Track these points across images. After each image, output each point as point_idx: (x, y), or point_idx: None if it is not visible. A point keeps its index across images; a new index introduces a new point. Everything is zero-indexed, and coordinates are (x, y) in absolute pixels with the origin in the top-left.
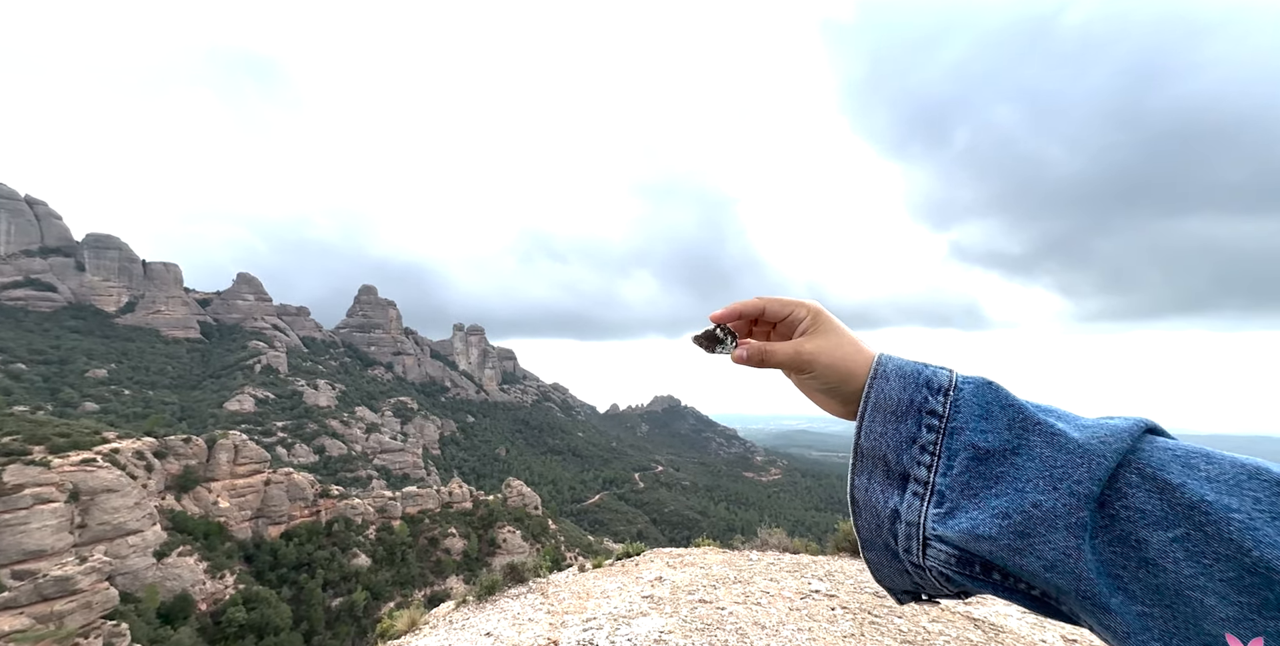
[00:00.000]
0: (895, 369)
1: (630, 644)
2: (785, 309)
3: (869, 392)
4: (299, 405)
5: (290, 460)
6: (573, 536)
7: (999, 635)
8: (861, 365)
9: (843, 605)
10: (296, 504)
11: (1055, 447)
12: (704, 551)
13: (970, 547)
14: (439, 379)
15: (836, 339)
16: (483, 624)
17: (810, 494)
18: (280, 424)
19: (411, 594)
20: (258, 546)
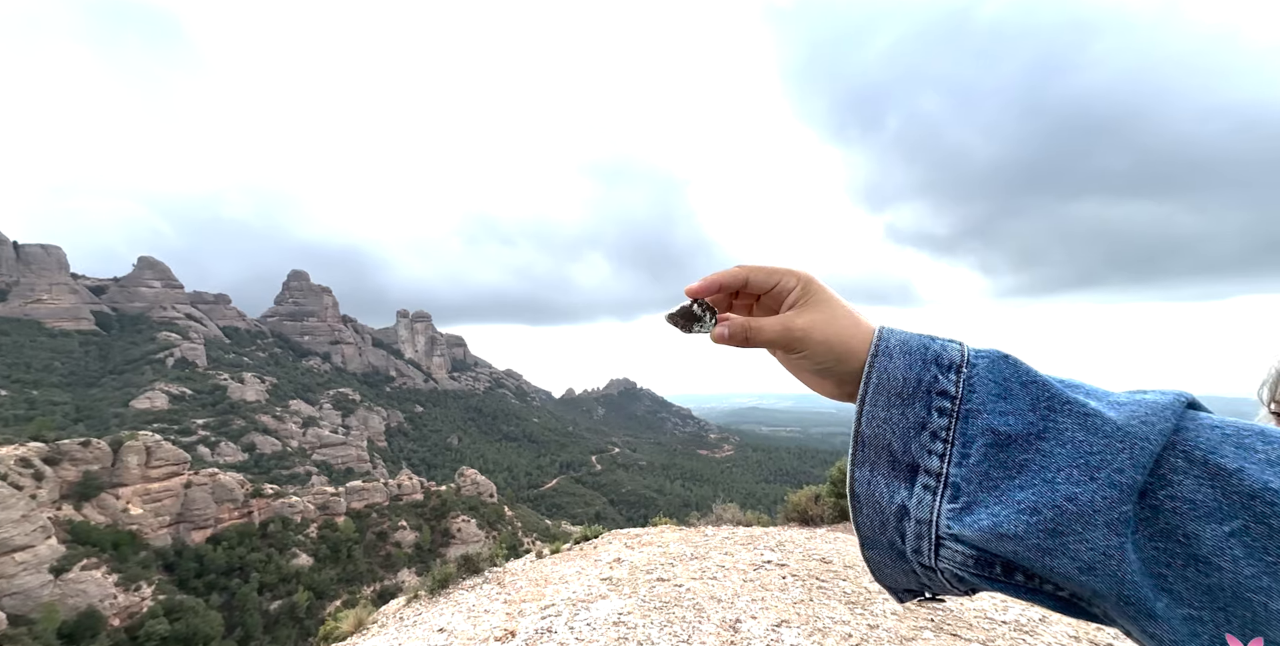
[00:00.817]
0: (899, 344)
1: (589, 628)
2: (771, 278)
3: (870, 372)
4: (223, 400)
5: (215, 460)
6: (530, 522)
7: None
8: (860, 341)
9: (793, 573)
10: (224, 506)
11: (1090, 430)
12: (661, 530)
13: (992, 547)
14: (383, 368)
15: (831, 311)
16: (436, 619)
17: (760, 467)
18: (201, 421)
19: (360, 591)
20: (179, 553)
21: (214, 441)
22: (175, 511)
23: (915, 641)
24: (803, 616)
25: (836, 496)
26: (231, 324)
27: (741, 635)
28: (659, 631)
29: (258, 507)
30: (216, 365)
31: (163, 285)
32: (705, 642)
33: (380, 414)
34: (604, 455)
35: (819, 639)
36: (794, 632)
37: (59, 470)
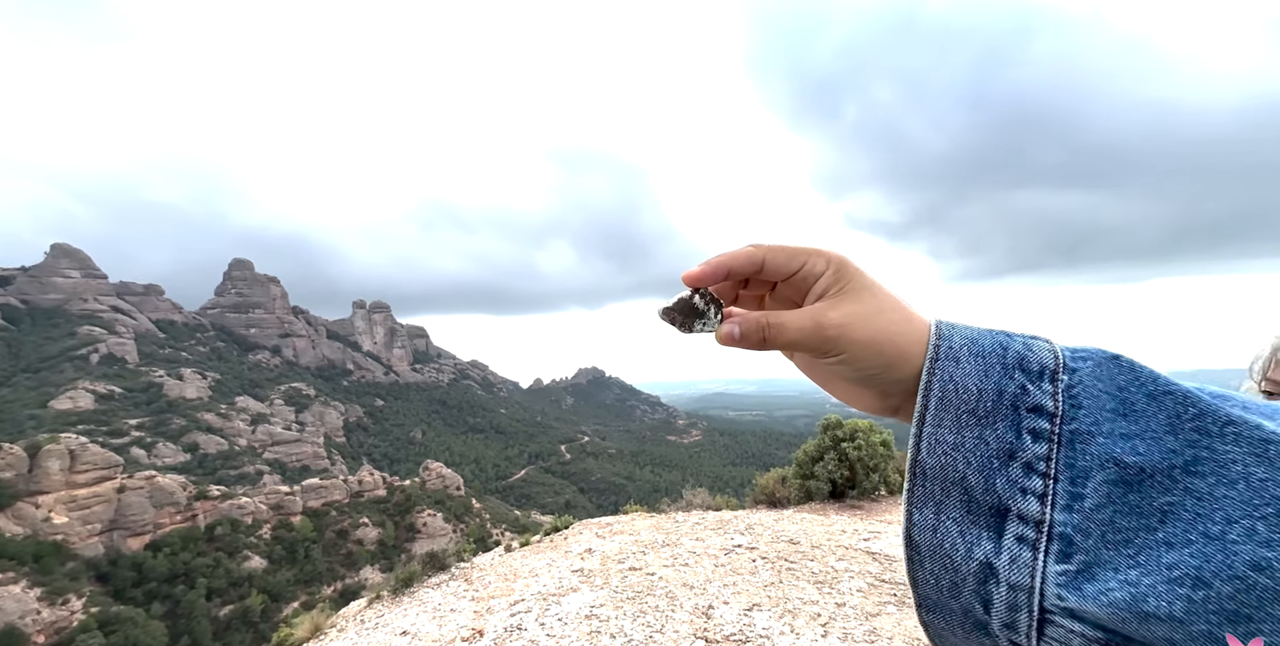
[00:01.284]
0: (966, 343)
1: (561, 623)
2: (794, 261)
3: (930, 382)
4: (159, 399)
5: (153, 462)
6: (499, 513)
7: (893, 564)
8: (914, 341)
9: (762, 556)
10: (164, 510)
11: (1274, 463)
12: (632, 518)
13: (1131, 631)
14: (339, 361)
15: (874, 302)
16: (399, 621)
17: (727, 451)
18: (134, 422)
19: (320, 591)
20: (114, 562)
21: (150, 442)
22: (107, 518)
23: (880, 616)
24: (773, 599)
25: (802, 478)
26: (165, 317)
27: (714, 621)
28: (632, 622)
29: (203, 510)
30: (150, 361)
31: (82, 275)
32: (678, 631)
33: (338, 409)
34: (573, 444)
35: (789, 620)
36: (765, 615)
37: None
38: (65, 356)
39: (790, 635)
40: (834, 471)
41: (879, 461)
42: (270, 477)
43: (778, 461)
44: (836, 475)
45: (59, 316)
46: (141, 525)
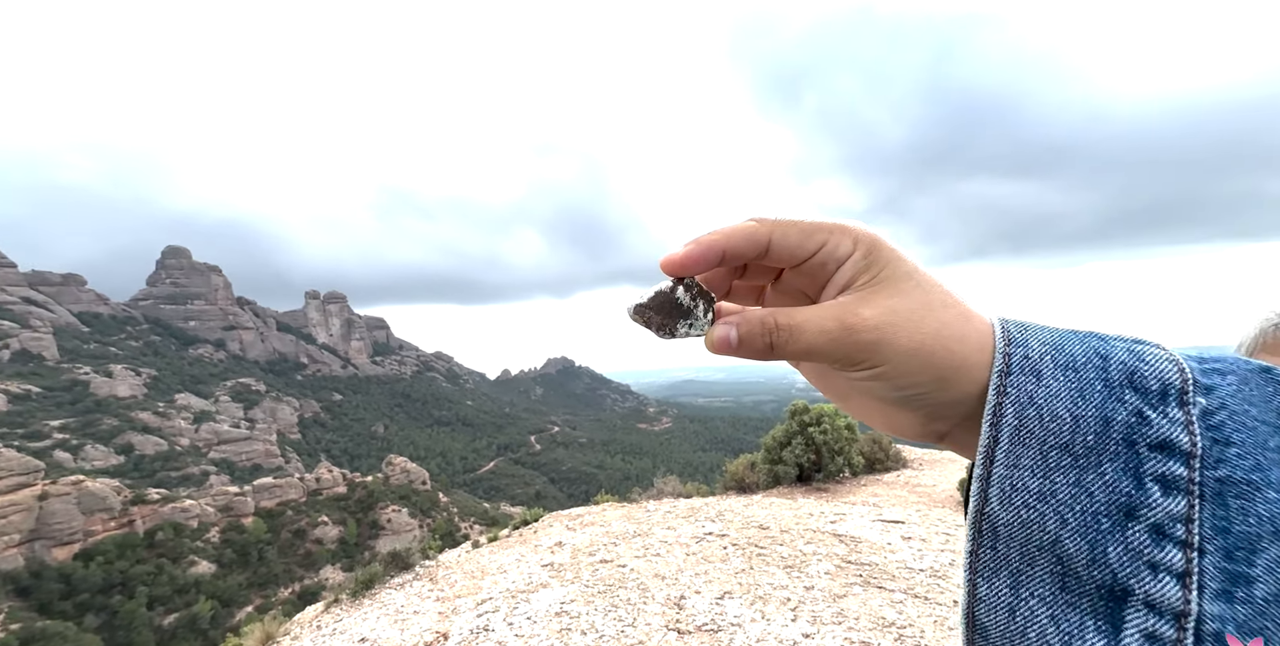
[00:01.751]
0: (1048, 350)
1: (530, 622)
2: (810, 239)
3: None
4: (85, 398)
5: (80, 466)
6: (467, 506)
7: (858, 544)
8: (974, 347)
9: (733, 542)
10: (96, 516)
11: None
12: (603, 508)
13: None
14: (291, 355)
15: (921, 295)
16: (358, 626)
17: (697, 437)
18: (56, 423)
19: (275, 594)
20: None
21: (76, 445)
22: (27, 528)
23: (847, 597)
24: (744, 586)
25: (770, 463)
26: (90, 309)
27: (686, 612)
28: (603, 617)
29: (141, 515)
30: (73, 357)
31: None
32: (650, 624)
33: (291, 404)
34: (543, 435)
35: (760, 606)
36: (736, 603)
37: None
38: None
39: (761, 621)
40: (801, 456)
41: (844, 444)
42: (218, 478)
43: (746, 446)
44: (803, 459)
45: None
46: (69, 534)
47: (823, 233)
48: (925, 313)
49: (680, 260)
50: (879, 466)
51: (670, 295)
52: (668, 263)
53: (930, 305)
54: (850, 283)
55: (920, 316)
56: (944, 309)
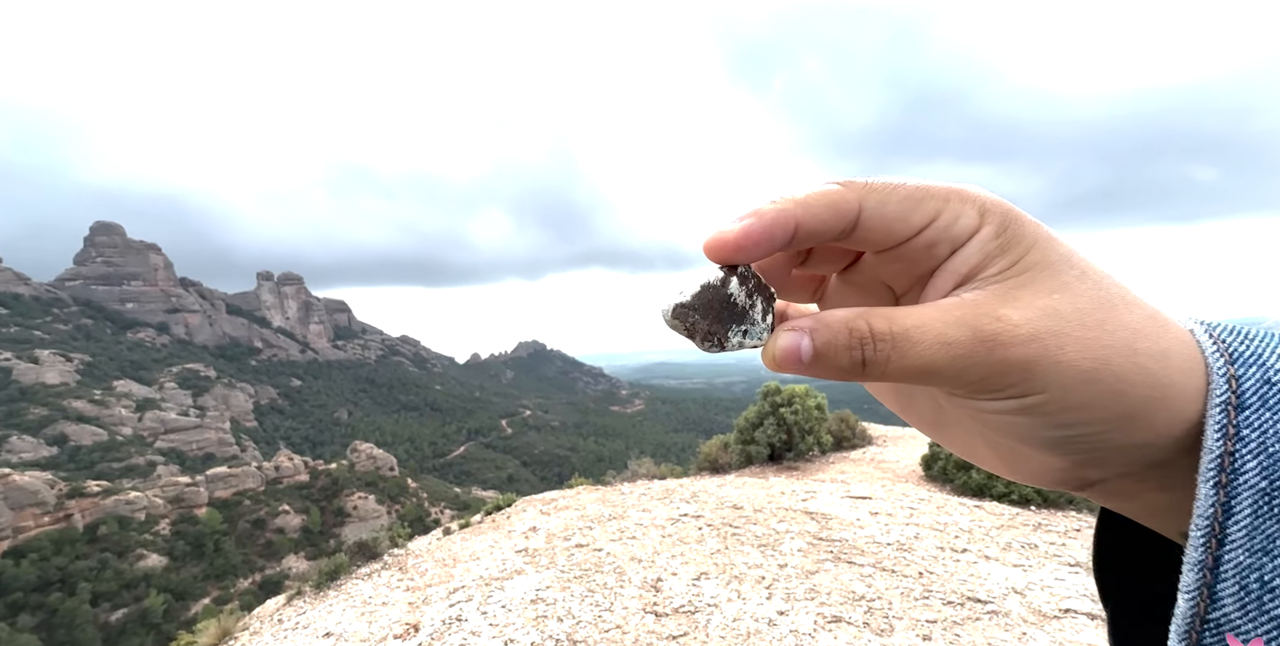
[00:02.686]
0: None
1: (504, 610)
2: (918, 210)
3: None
4: (8, 385)
5: (6, 458)
6: (437, 491)
7: (828, 521)
8: (1179, 366)
9: (708, 523)
10: (27, 511)
11: None
12: (577, 492)
13: None
14: (243, 339)
15: (1094, 290)
16: (323, 619)
17: (669, 419)
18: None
19: (234, 585)
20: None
21: (0, 436)
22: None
23: (819, 573)
24: (720, 566)
25: (743, 443)
26: (8, 289)
27: (663, 594)
28: (580, 603)
29: (79, 509)
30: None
31: None
32: (628, 608)
33: (245, 391)
34: (515, 418)
35: (736, 586)
36: (713, 583)
37: None
38: None
39: (737, 601)
40: (773, 436)
41: (814, 424)
42: (166, 469)
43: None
44: (775, 439)
45: None
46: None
47: (934, 200)
48: (1105, 316)
49: (735, 240)
50: (846, 444)
51: (721, 290)
52: (717, 244)
53: (1110, 304)
54: (977, 272)
55: (1099, 321)
56: (1129, 310)
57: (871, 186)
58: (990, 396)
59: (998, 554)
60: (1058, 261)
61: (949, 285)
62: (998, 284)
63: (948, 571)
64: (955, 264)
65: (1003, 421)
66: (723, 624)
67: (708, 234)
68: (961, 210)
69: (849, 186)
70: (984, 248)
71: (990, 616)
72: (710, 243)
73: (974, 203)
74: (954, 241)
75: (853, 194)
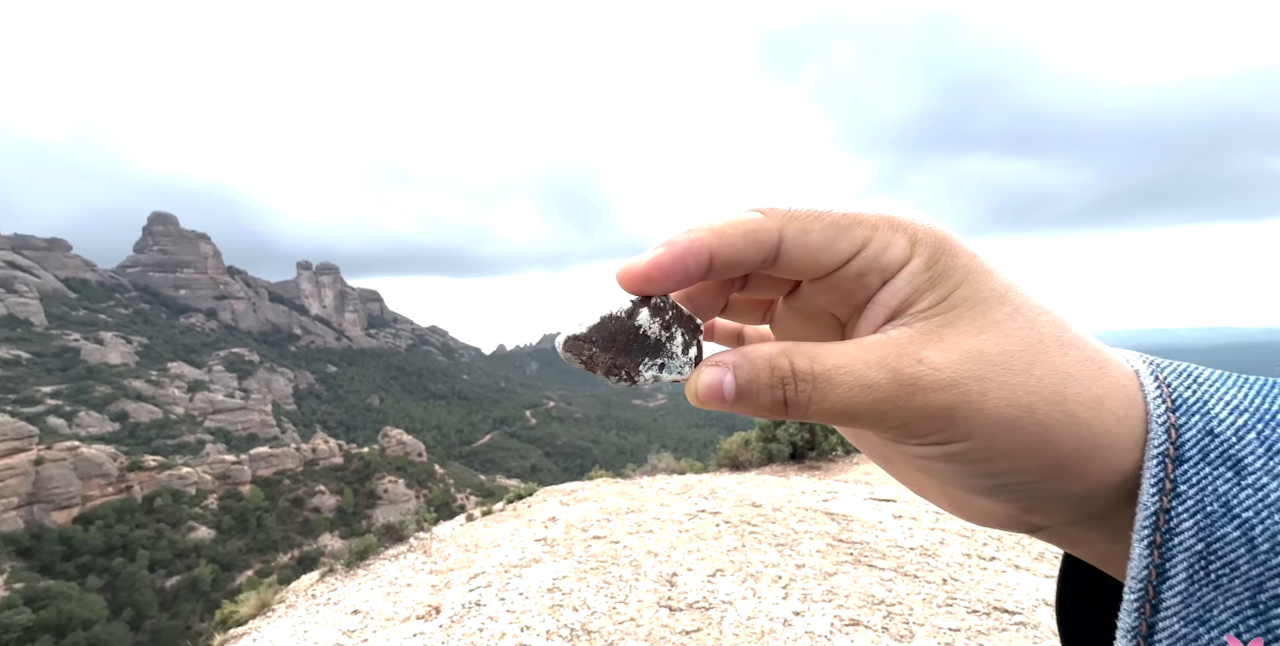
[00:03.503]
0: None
1: (522, 597)
2: (843, 239)
3: (1174, 516)
4: (76, 364)
5: (75, 432)
6: (463, 478)
7: (849, 523)
8: (1114, 413)
9: (726, 520)
10: (93, 482)
11: None
12: (597, 484)
13: None
14: (284, 326)
15: (1024, 329)
16: (352, 597)
17: (692, 413)
18: (48, 389)
19: (275, 559)
20: (37, 537)
21: (69, 411)
22: (25, 491)
23: (837, 575)
24: (736, 563)
25: (764, 441)
26: (76, 275)
27: (678, 589)
28: (595, 594)
29: (138, 481)
30: (61, 323)
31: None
32: (642, 601)
33: (285, 375)
34: (538, 409)
35: (752, 584)
36: (729, 581)
37: None
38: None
39: (753, 599)
40: (795, 434)
41: None
42: (214, 447)
43: (741, 424)
44: (798, 438)
45: None
46: (67, 498)
47: (862, 228)
48: (1034, 359)
49: (644, 272)
50: None
51: (627, 322)
52: (627, 276)
53: (1041, 346)
54: (907, 306)
55: (1026, 365)
56: (1061, 352)
57: (793, 214)
58: (915, 442)
59: (1029, 564)
60: (990, 297)
61: (880, 319)
62: (925, 321)
63: (974, 579)
64: (885, 297)
65: (932, 467)
66: (737, 621)
67: (621, 264)
68: (891, 239)
69: (769, 214)
70: (914, 281)
71: (1018, 628)
72: (621, 273)
73: (905, 231)
74: (884, 272)
75: (772, 223)
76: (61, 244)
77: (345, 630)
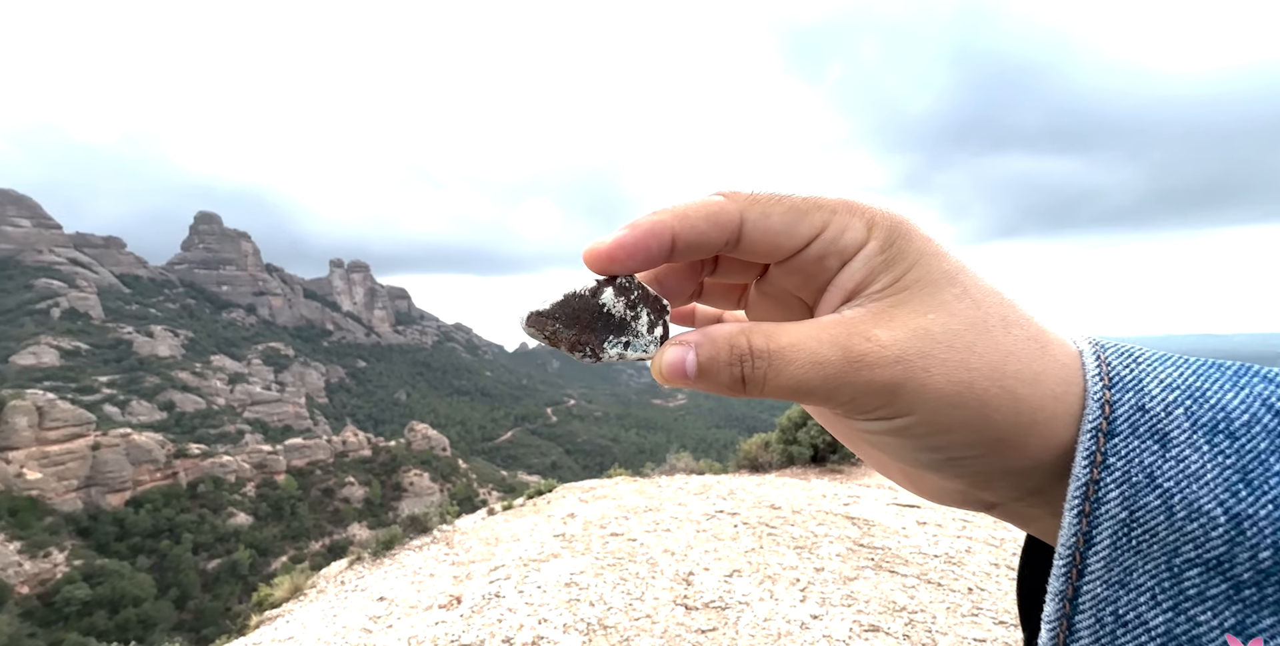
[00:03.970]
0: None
1: (540, 591)
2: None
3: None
4: (129, 356)
5: (127, 420)
6: (485, 473)
7: (871, 527)
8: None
9: (744, 521)
10: (143, 467)
11: None
12: (615, 482)
13: None
14: (317, 321)
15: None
16: (378, 585)
17: (712, 414)
18: (104, 379)
19: (307, 546)
20: (94, 518)
21: (123, 400)
22: (83, 475)
23: (857, 580)
24: (754, 564)
25: (784, 443)
26: (130, 271)
27: (694, 588)
28: (612, 590)
29: (183, 468)
30: (116, 317)
31: (33, 224)
32: (658, 598)
33: (318, 369)
34: (559, 407)
35: (769, 586)
36: (745, 581)
37: None
38: (23, 310)
39: (769, 600)
40: (817, 436)
41: None
42: (252, 437)
43: (761, 424)
44: (819, 440)
45: (11, 267)
46: (120, 482)
47: (821, 212)
48: (976, 337)
49: (608, 252)
50: None
51: (590, 300)
52: (592, 255)
53: (985, 325)
54: (861, 287)
55: (968, 344)
56: (1005, 331)
57: (755, 197)
58: (863, 417)
59: None
60: (939, 279)
61: (837, 300)
62: (877, 302)
63: (1001, 589)
64: (842, 279)
65: (881, 442)
66: (753, 622)
67: (586, 244)
68: (849, 223)
69: (731, 198)
70: (869, 263)
71: None
72: (586, 253)
73: (862, 215)
74: (842, 255)
75: (734, 206)
76: (117, 242)
77: (371, 615)
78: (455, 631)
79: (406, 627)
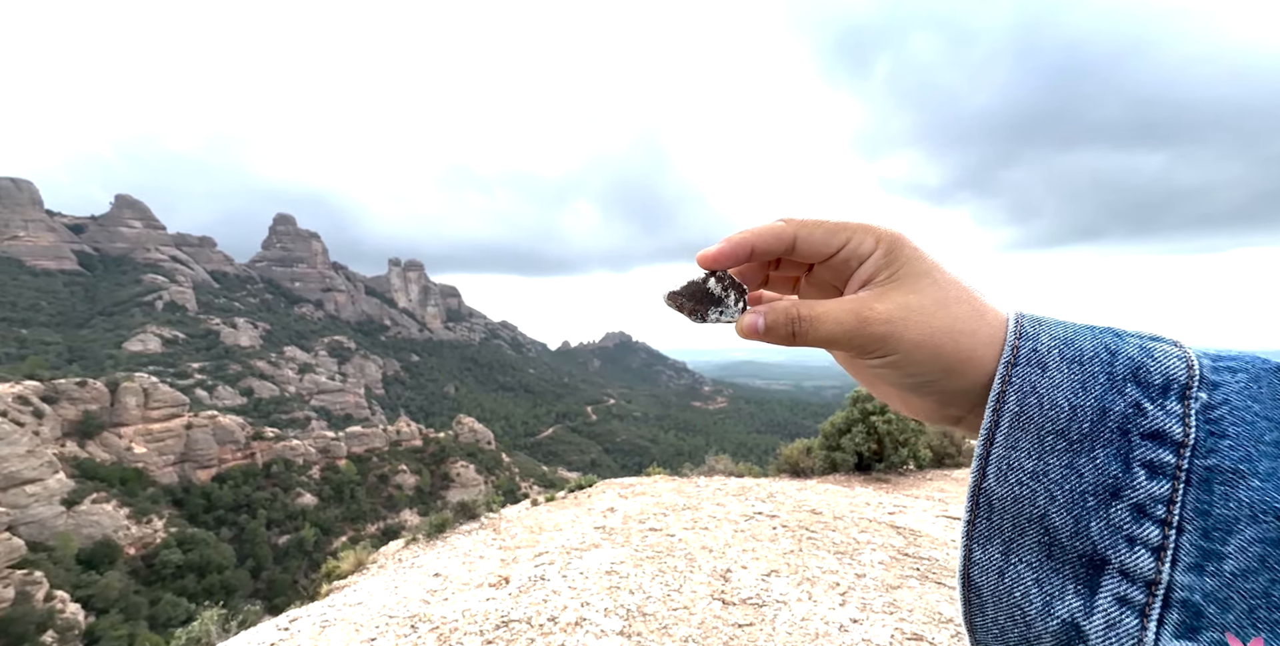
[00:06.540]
0: (1057, 345)
1: (582, 576)
2: (834, 238)
3: (1005, 393)
4: (216, 345)
5: (214, 403)
6: (527, 468)
7: (917, 538)
8: (984, 340)
9: (783, 524)
10: (226, 447)
11: None
12: (654, 480)
13: None
14: (376, 317)
15: (935, 292)
16: (432, 563)
17: (753, 419)
18: (196, 366)
19: (364, 528)
20: (187, 490)
21: (211, 385)
22: (178, 451)
23: (901, 588)
24: (792, 566)
25: (827, 449)
26: (219, 268)
27: (732, 584)
28: (651, 580)
29: (259, 449)
30: (207, 310)
31: (144, 225)
32: (696, 591)
33: (376, 362)
34: (599, 406)
35: (807, 587)
36: (783, 582)
37: (58, 409)
38: (134, 302)
39: (808, 601)
40: (861, 444)
41: (909, 435)
42: (317, 423)
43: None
44: (864, 448)
45: (126, 264)
46: (208, 459)
47: (846, 232)
48: (937, 308)
49: (714, 255)
50: (948, 461)
51: (702, 285)
52: (703, 257)
53: (944, 301)
54: (870, 279)
55: (931, 311)
56: (956, 304)
57: (804, 222)
58: (867, 357)
59: None
60: (919, 273)
61: (855, 287)
62: (878, 287)
63: None
64: (859, 273)
65: (883, 373)
66: (790, 621)
67: (699, 251)
68: (864, 238)
69: (789, 222)
70: (875, 263)
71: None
72: (700, 256)
73: (873, 233)
74: (859, 259)
75: (790, 228)
76: (209, 241)
77: (429, 589)
78: (504, 608)
79: (460, 601)
